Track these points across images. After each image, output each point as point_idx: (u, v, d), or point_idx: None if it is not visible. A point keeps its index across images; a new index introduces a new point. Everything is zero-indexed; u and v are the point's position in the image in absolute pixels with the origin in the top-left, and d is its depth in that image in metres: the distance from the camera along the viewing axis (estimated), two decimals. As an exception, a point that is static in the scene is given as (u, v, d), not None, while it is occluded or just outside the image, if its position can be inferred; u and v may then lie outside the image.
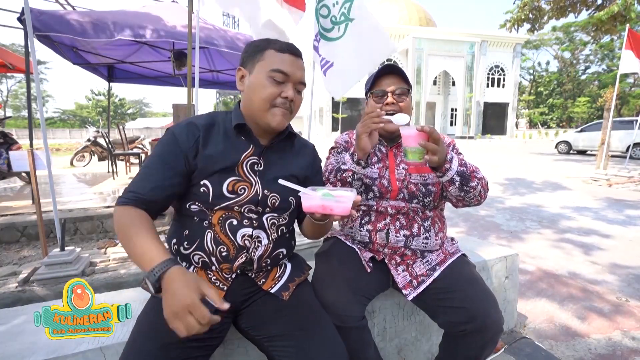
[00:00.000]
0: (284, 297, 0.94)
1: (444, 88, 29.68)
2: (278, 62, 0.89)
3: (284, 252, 1.01)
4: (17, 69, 4.58)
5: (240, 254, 0.91)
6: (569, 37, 36.15)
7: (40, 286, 1.86)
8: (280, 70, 0.89)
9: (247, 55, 0.94)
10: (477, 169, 1.12)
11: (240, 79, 0.95)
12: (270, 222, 0.94)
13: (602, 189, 5.79)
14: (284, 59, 0.90)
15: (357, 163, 1.10)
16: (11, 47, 29.26)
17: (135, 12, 3.38)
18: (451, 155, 1.05)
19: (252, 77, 0.91)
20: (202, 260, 0.91)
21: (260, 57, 0.90)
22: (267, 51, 0.90)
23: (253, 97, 0.90)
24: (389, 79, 1.22)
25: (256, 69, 0.90)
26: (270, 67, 0.89)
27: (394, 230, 1.16)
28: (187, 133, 0.89)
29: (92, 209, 3.37)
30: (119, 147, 6.65)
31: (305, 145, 1.10)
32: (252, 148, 0.94)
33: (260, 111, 0.90)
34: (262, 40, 0.94)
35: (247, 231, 0.91)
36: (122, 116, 44.20)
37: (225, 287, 0.91)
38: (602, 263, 2.65)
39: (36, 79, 1.97)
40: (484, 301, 1.02)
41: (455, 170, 1.04)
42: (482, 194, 1.11)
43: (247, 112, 0.94)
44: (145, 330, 0.80)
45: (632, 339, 1.68)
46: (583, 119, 36.73)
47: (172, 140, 0.88)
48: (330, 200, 0.78)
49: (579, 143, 12.52)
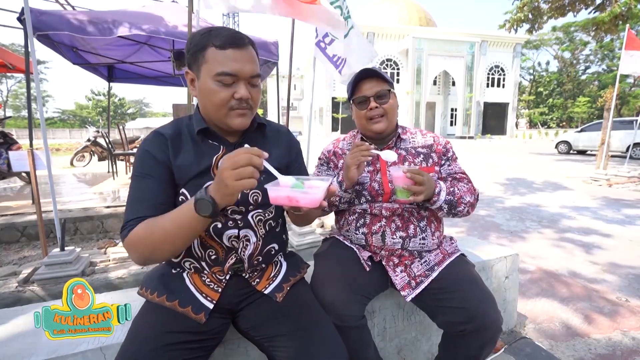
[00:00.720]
0: (278, 299, 0.93)
1: (444, 88, 29.68)
2: (221, 62, 0.81)
3: (276, 247, 1.00)
4: (17, 69, 4.58)
5: (230, 255, 0.91)
6: (569, 37, 36.16)
7: (40, 286, 1.86)
8: (225, 72, 0.81)
9: (189, 55, 0.85)
10: (465, 194, 1.15)
11: (191, 83, 0.88)
12: (256, 219, 0.93)
13: (602, 189, 5.79)
14: (227, 56, 0.81)
15: (345, 190, 1.16)
16: (11, 47, 29.28)
17: (135, 12, 3.38)
18: (439, 188, 1.10)
19: (200, 82, 0.84)
20: (194, 266, 0.92)
21: (203, 58, 0.82)
22: (208, 50, 0.81)
23: (207, 103, 0.85)
24: (368, 83, 1.21)
25: (202, 73, 0.83)
26: (214, 70, 0.81)
27: (390, 233, 1.16)
28: (158, 145, 0.86)
29: (92, 209, 3.37)
30: (119, 147, 6.65)
31: (278, 131, 1.04)
32: (222, 149, 0.91)
33: (218, 116, 0.86)
34: (201, 36, 0.83)
35: (232, 232, 0.90)
36: (122, 116, 44.21)
37: (220, 289, 0.91)
38: (602, 263, 2.65)
39: (36, 79, 1.97)
40: (482, 301, 1.02)
41: (443, 200, 1.11)
42: (469, 211, 1.18)
43: (207, 116, 0.90)
44: (143, 331, 0.80)
45: (632, 339, 1.68)
46: (583, 119, 36.73)
47: (147, 155, 0.85)
48: (297, 192, 0.74)
49: (579, 143, 12.51)
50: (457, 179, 1.22)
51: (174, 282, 0.90)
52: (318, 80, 25.97)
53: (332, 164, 1.33)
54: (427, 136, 1.29)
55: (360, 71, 1.21)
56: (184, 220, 0.73)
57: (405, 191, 1.04)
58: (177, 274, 0.93)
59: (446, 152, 1.26)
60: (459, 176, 1.23)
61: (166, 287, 0.89)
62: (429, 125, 29.23)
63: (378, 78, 1.20)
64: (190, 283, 0.91)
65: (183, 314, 0.84)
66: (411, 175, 1.01)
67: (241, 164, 0.64)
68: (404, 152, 1.23)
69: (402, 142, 1.27)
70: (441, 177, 1.24)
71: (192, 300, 0.87)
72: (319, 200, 0.74)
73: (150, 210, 0.80)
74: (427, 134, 1.30)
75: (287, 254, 1.11)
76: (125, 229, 0.79)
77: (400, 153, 1.23)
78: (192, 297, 0.88)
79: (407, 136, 1.28)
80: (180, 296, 0.87)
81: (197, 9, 2.11)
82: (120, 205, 3.53)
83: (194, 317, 0.84)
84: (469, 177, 1.26)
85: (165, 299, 0.86)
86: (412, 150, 1.24)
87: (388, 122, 1.21)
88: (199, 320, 0.84)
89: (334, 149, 1.35)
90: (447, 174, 1.24)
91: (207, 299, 0.88)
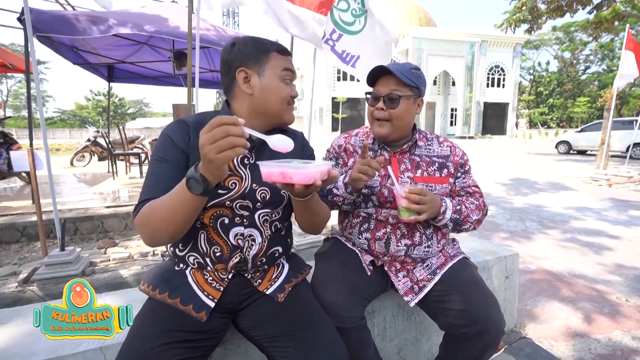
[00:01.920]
0: (279, 299, 0.93)
1: (444, 88, 29.68)
2: (285, 63, 0.94)
3: (280, 250, 1.00)
4: (17, 69, 4.57)
5: (234, 253, 0.91)
6: (569, 37, 36.18)
7: (40, 286, 1.86)
8: (290, 69, 0.95)
9: (246, 56, 0.90)
10: (473, 212, 1.14)
11: (244, 80, 0.91)
12: (262, 218, 0.94)
13: (602, 189, 5.79)
14: (287, 60, 0.95)
15: (349, 193, 1.12)
16: (11, 47, 29.26)
17: (135, 12, 3.39)
18: (445, 207, 1.09)
19: (264, 79, 0.91)
20: (197, 261, 0.92)
21: (267, 59, 0.91)
22: (272, 53, 0.92)
23: (268, 98, 0.92)
24: (385, 80, 1.13)
25: (267, 71, 0.91)
26: (281, 69, 0.93)
27: (395, 240, 1.13)
28: (179, 131, 0.89)
29: (92, 209, 3.37)
30: (119, 147, 6.65)
31: (294, 134, 1.09)
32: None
33: (278, 111, 0.94)
34: (259, 42, 0.92)
35: (239, 230, 0.90)
36: (122, 116, 44.13)
37: (222, 288, 0.91)
38: (602, 263, 2.65)
39: (36, 79, 1.97)
40: (485, 304, 1.01)
41: (448, 219, 1.10)
42: (475, 228, 1.18)
43: (253, 113, 0.92)
44: (143, 329, 0.80)
45: (632, 339, 1.68)
46: (583, 119, 36.73)
47: (167, 140, 0.88)
48: (289, 167, 0.72)
49: (579, 143, 12.51)
50: (469, 193, 1.20)
51: (176, 279, 0.91)
52: (318, 80, 25.98)
53: (341, 160, 1.26)
54: (444, 145, 1.23)
55: (380, 66, 1.12)
56: (179, 200, 0.74)
57: (407, 211, 1.03)
58: (179, 271, 0.93)
59: (463, 165, 1.22)
60: (471, 190, 1.20)
61: (168, 284, 0.89)
62: (429, 125, 29.24)
63: (398, 79, 1.09)
64: (193, 281, 0.91)
65: (184, 312, 0.84)
66: (407, 195, 1.00)
67: (219, 137, 0.63)
68: (418, 159, 1.18)
69: (418, 148, 1.20)
70: (454, 189, 1.21)
71: (193, 298, 0.87)
72: (312, 176, 0.72)
73: (161, 193, 0.81)
74: (444, 142, 1.24)
75: (289, 255, 1.11)
76: (135, 210, 0.82)
77: (414, 159, 1.18)
78: (194, 295, 0.88)
79: (423, 142, 1.22)
80: (182, 294, 0.87)
81: (197, 8, 2.11)
82: (120, 205, 3.53)
83: (195, 316, 0.84)
84: (481, 191, 1.23)
85: (167, 296, 0.86)
86: (427, 158, 1.19)
87: (392, 129, 1.13)
88: (200, 318, 0.84)
89: (345, 144, 1.27)
90: (461, 187, 1.21)
91: (209, 297, 0.88)
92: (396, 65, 1.12)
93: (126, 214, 3.26)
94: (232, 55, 0.91)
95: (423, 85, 1.15)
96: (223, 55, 0.93)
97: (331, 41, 2.48)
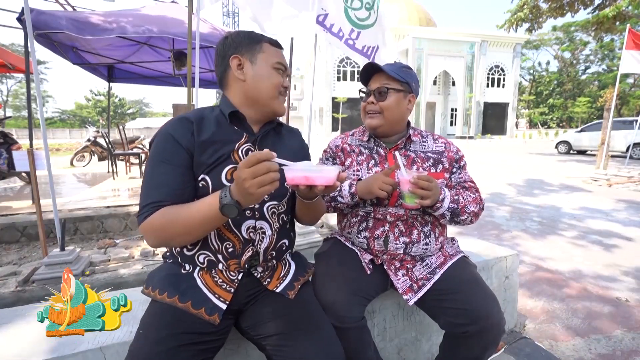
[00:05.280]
0: (290, 296, 0.94)
1: (444, 88, 29.67)
2: (277, 55, 0.97)
3: (287, 244, 1.02)
4: (17, 69, 4.57)
5: (247, 247, 0.91)
6: (569, 37, 36.16)
7: (40, 286, 1.86)
8: (282, 63, 0.97)
9: (239, 44, 0.93)
10: (470, 203, 1.15)
11: (238, 67, 0.93)
12: (270, 211, 0.94)
13: (602, 189, 5.79)
14: (279, 52, 0.98)
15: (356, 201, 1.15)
16: (11, 47, 29.27)
17: (135, 13, 3.38)
18: (444, 195, 1.10)
19: (256, 67, 0.93)
20: (208, 260, 0.90)
21: (260, 48, 0.94)
22: (264, 44, 0.95)
23: (260, 85, 0.93)
24: (376, 77, 1.20)
25: (259, 60, 0.93)
26: (273, 59, 0.95)
27: (394, 238, 1.14)
28: (182, 128, 0.87)
29: (92, 209, 3.37)
30: (119, 147, 6.65)
31: (291, 131, 1.12)
32: (245, 136, 0.94)
33: (268, 99, 0.95)
34: (251, 33, 0.97)
35: (250, 222, 0.90)
36: (122, 116, 44.12)
37: (232, 290, 0.90)
38: (602, 262, 2.65)
39: (36, 79, 1.97)
40: (485, 303, 1.01)
41: (446, 207, 1.11)
42: (472, 221, 1.18)
43: (246, 100, 0.95)
44: (153, 332, 0.79)
45: (632, 339, 1.68)
46: (583, 119, 36.72)
47: (169, 138, 0.86)
48: (312, 172, 0.78)
49: (579, 143, 12.51)
50: (465, 188, 1.21)
51: (184, 283, 0.89)
52: (318, 80, 25.99)
53: (338, 160, 1.29)
54: (439, 142, 1.26)
55: (370, 64, 1.20)
56: (205, 217, 0.77)
57: (412, 196, 1.03)
58: (186, 274, 0.91)
59: (459, 160, 1.24)
60: (467, 185, 1.22)
61: (177, 288, 0.87)
62: (429, 125, 29.22)
63: (387, 75, 1.16)
64: (202, 283, 0.89)
65: (195, 315, 0.83)
66: (415, 181, 1.01)
67: (261, 173, 0.67)
68: (413, 155, 1.21)
69: (412, 144, 1.23)
70: (450, 184, 1.22)
71: (205, 301, 0.86)
72: (333, 179, 0.79)
73: (168, 196, 0.81)
74: (439, 139, 1.27)
75: (293, 253, 1.12)
76: (142, 214, 0.81)
77: (409, 155, 1.21)
78: (205, 298, 0.87)
79: (417, 139, 1.25)
80: (192, 297, 0.86)
81: (197, 8, 2.11)
82: (120, 205, 3.53)
83: (208, 319, 0.83)
84: (477, 187, 1.25)
85: (177, 300, 0.84)
86: (422, 154, 1.21)
87: (383, 120, 1.18)
88: (213, 321, 0.83)
89: (342, 144, 1.29)
90: (457, 182, 1.22)
91: (220, 299, 0.87)
92: (387, 64, 1.20)
93: (126, 214, 3.26)
94: (225, 45, 0.95)
95: (414, 82, 1.21)
96: (217, 47, 0.96)
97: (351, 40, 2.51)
